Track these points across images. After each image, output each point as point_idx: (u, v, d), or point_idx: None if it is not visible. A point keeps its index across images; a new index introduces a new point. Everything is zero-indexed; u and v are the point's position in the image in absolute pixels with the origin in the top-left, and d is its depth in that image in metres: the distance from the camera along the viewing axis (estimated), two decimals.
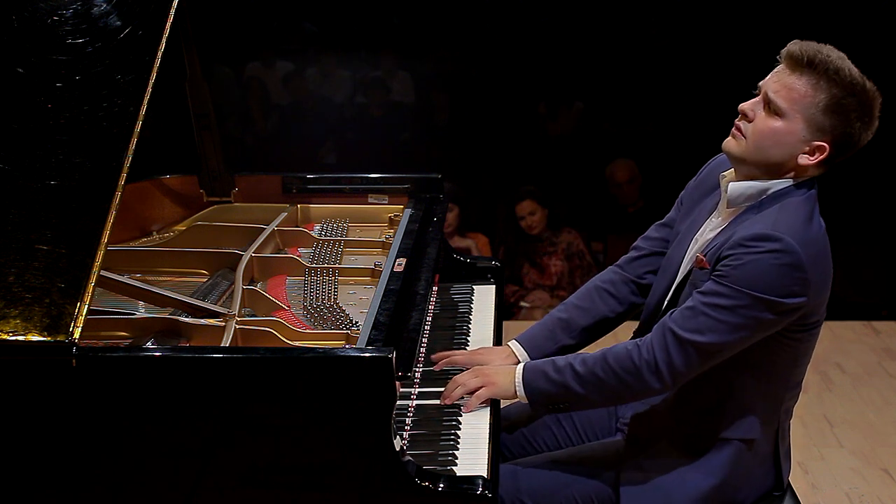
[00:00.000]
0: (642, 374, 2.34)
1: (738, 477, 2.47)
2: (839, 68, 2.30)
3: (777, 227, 2.30)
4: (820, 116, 2.31)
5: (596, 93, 6.99)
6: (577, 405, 2.46)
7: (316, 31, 7.24)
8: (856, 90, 2.31)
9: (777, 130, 2.34)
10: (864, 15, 6.63)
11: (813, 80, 2.31)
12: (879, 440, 4.53)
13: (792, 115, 2.32)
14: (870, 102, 2.33)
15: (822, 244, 2.37)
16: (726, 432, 2.44)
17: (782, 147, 2.35)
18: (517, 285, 6.43)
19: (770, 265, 2.26)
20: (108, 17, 2.58)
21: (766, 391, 2.44)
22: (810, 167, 2.38)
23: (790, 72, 2.34)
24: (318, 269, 2.99)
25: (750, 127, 2.37)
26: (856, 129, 2.33)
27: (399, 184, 3.51)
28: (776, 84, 2.35)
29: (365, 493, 2.15)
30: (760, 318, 2.28)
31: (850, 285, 6.56)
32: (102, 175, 2.33)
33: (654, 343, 2.34)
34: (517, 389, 2.48)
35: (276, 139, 7.18)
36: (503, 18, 7.07)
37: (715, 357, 2.34)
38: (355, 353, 2.17)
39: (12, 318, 2.14)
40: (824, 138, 2.34)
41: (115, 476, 2.16)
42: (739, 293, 2.28)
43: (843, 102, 2.30)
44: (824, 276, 2.37)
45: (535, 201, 6.37)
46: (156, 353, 2.18)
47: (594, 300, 2.78)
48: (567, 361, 2.44)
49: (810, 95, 2.31)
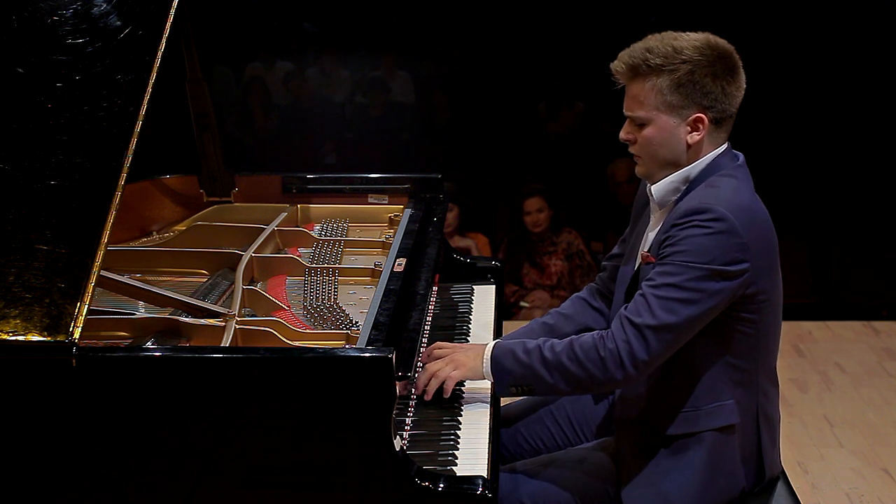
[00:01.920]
0: (607, 364, 2.35)
1: (728, 465, 2.48)
2: (655, 53, 2.39)
3: (704, 199, 2.36)
4: (671, 99, 2.40)
5: (596, 93, 6.99)
6: (542, 390, 2.45)
7: (316, 31, 7.24)
8: (681, 59, 2.38)
9: (653, 135, 2.44)
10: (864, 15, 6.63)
11: (643, 79, 2.42)
12: (879, 440, 4.53)
13: (652, 115, 2.43)
14: (704, 58, 2.39)
15: (755, 209, 2.41)
16: (705, 423, 2.45)
17: (668, 143, 2.44)
18: (517, 285, 6.43)
19: (705, 235, 2.32)
20: (108, 17, 2.58)
21: (734, 377, 2.45)
22: (704, 138, 2.44)
23: (627, 84, 2.47)
24: (318, 269, 2.99)
25: (637, 147, 2.49)
26: (710, 84, 2.39)
27: (399, 184, 3.52)
28: (627, 101, 2.48)
29: (365, 493, 2.15)
30: (707, 290, 2.32)
31: (850, 285, 6.57)
32: (102, 175, 2.33)
33: (616, 334, 2.37)
34: (484, 367, 2.48)
35: (276, 139, 7.18)
36: (503, 18, 7.07)
37: (672, 338, 2.35)
38: (355, 353, 2.17)
39: (12, 318, 2.14)
40: (693, 111, 2.41)
41: (115, 476, 2.16)
42: (682, 267, 2.33)
43: (678, 76, 2.38)
44: (764, 241, 2.40)
45: (543, 199, 6.38)
46: (156, 353, 2.19)
47: (577, 309, 2.87)
48: (536, 344, 2.44)
49: (650, 90, 2.41)
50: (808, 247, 6.50)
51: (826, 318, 5.92)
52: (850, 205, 6.57)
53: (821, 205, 6.48)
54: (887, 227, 6.67)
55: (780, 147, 6.56)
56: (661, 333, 2.33)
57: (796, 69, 6.55)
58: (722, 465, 2.48)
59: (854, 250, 6.67)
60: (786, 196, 6.09)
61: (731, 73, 2.42)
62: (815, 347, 5.61)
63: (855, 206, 6.55)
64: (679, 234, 2.35)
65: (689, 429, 2.46)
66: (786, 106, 6.64)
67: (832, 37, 6.53)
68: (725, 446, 2.47)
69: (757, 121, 6.35)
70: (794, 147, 6.57)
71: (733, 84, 2.42)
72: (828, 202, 6.53)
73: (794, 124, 6.61)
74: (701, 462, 2.45)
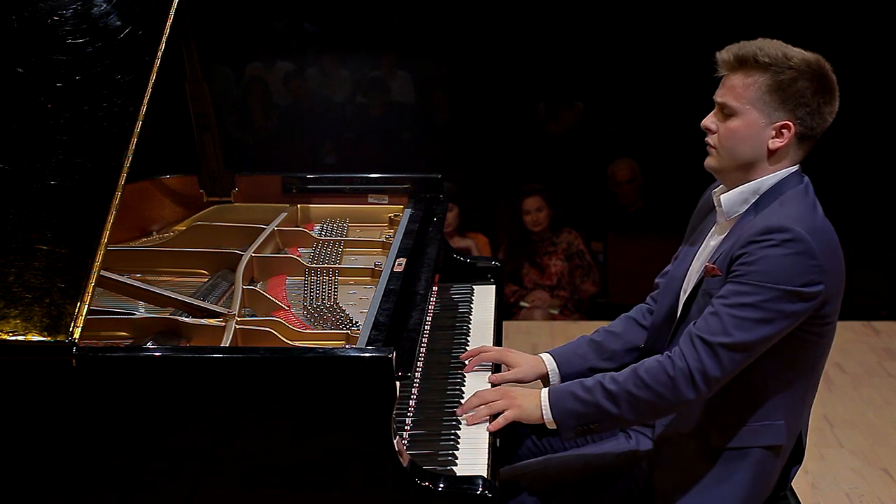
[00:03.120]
0: (678, 384, 2.34)
1: (770, 484, 2.50)
2: (765, 52, 2.40)
3: (782, 219, 2.34)
4: (768, 98, 2.40)
5: (596, 93, 6.99)
6: (608, 424, 2.43)
7: (316, 31, 7.24)
8: (789, 64, 2.39)
9: (738, 128, 2.42)
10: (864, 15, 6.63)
11: (746, 72, 2.41)
12: (879, 440, 4.53)
13: (744, 109, 2.41)
14: (811, 70, 2.40)
15: (828, 231, 2.41)
16: (753, 440, 2.45)
17: (750, 141, 2.43)
18: (517, 285, 6.43)
19: (784, 256, 2.31)
20: (108, 17, 2.58)
21: (787, 397, 2.45)
22: (784, 148, 2.43)
23: (729, 75, 2.45)
24: (318, 269, 2.99)
25: (716, 137, 2.47)
26: (808, 97, 2.39)
27: (399, 184, 3.52)
28: (721, 90, 2.46)
29: (365, 492, 2.15)
30: (784, 310, 2.31)
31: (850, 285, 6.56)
32: (102, 175, 2.33)
33: (685, 352, 2.35)
34: (543, 412, 2.45)
35: (276, 139, 7.18)
36: (503, 18, 7.07)
37: (744, 357, 2.34)
38: (355, 353, 2.16)
39: (12, 318, 2.14)
40: (783, 117, 2.41)
41: (115, 476, 2.16)
42: (759, 288, 2.31)
43: (781, 79, 2.39)
44: (836, 263, 2.40)
45: (542, 199, 6.38)
46: (156, 353, 2.19)
47: (625, 328, 2.81)
48: (595, 381, 2.43)
49: (750, 84, 2.41)
50: None
51: None
52: (851, 205, 6.57)
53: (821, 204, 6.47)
54: (887, 227, 6.67)
55: None
56: (734, 352, 2.32)
57: None
58: (765, 484, 2.48)
59: (854, 250, 6.66)
60: None
61: (830, 94, 2.42)
62: None
63: (855, 206, 6.55)
64: (757, 252, 2.32)
65: (738, 444, 2.45)
66: None
67: (832, 37, 6.53)
68: (771, 465, 2.47)
69: None
70: None
71: (828, 105, 2.42)
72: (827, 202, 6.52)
73: None
74: (747, 478, 2.45)
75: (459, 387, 2.66)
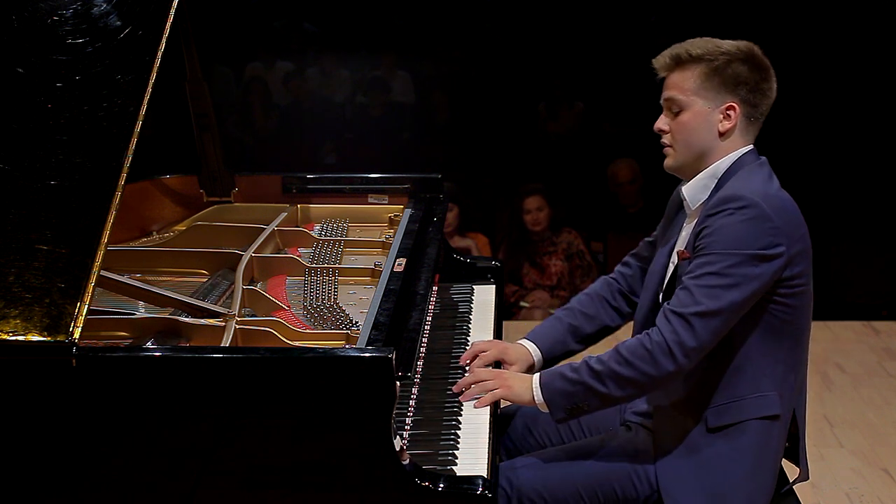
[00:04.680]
0: (656, 357, 2.41)
1: (773, 456, 2.53)
2: (695, 46, 2.54)
3: (736, 189, 2.46)
4: (708, 85, 2.52)
5: (596, 93, 6.99)
6: (597, 402, 2.49)
7: (316, 31, 7.24)
8: (720, 51, 2.52)
9: (688, 120, 2.54)
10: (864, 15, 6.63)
11: (683, 67, 2.55)
12: (879, 440, 4.53)
13: (689, 100, 2.54)
14: (742, 52, 2.53)
15: (784, 199, 2.49)
16: (749, 412, 2.49)
17: (701, 128, 2.54)
18: (517, 285, 6.43)
19: (741, 222, 2.41)
20: (108, 17, 2.58)
21: (777, 367, 2.49)
22: (733, 128, 2.54)
23: (668, 75, 2.58)
24: (318, 269, 2.99)
25: (669, 136, 2.59)
26: (745, 76, 2.51)
27: (399, 184, 3.52)
28: (665, 91, 2.59)
29: (365, 492, 2.15)
30: (748, 274, 2.39)
31: (850, 285, 6.57)
32: (102, 175, 2.33)
33: (661, 327, 2.43)
34: (535, 394, 2.53)
35: (276, 139, 7.19)
36: (503, 18, 7.08)
37: (719, 324, 2.41)
38: (355, 353, 2.17)
39: (12, 318, 2.14)
40: (727, 99, 2.52)
41: (115, 476, 2.16)
42: (721, 256, 2.40)
43: (716, 65, 2.51)
44: (795, 227, 2.46)
45: (543, 198, 6.39)
46: (156, 353, 2.19)
47: (598, 309, 2.91)
48: (582, 361, 2.50)
49: (689, 77, 2.53)
50: None
51: (826, 318, 5.92)
52: (850, 205, 6.57)
53: (821, 205, 6.48)
54: (887, 227, 6.68)
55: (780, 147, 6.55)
56: (706, 319, 2.39)
57: (796, 69, 6.55)
58: (772, 453, 2.52)
59: (854, 250, 6.67)
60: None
61: (765, 71, 2.55)
62: (815, 347, 5.55)
63: (855, 207, 6.56)
64: (713, 223, 2.43)
65: (734, 418, 2.49)
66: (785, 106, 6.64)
67: (832, 37, 6.53)
68: (770, 435, 2.51)
69: None
70: (794, 147, 6.57)
71: (766, 82, 2.54)
72: (828, 202, 6.53)
73: (793, 124, 6.61)
74: (750, 450, 2.49)
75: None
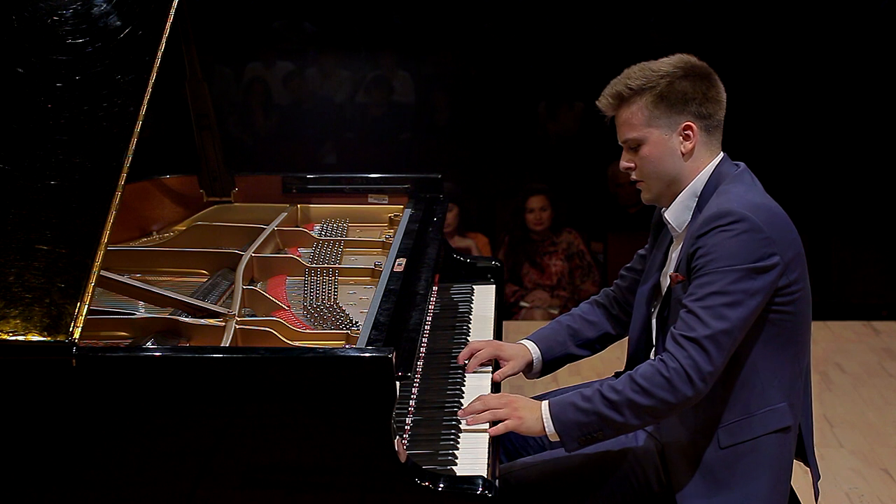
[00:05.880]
0: (675, 384, 2.37)
1: (785, 465, 2.51)
2: (632, 78, 2.51)
3: (721, 205, 2.43)
4: (658, 112, 2.49)
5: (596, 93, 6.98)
6: (611, 432, 2.44)
7: (316, 31, 7.24)
8: (659, 75, 2.50)
9: (651, 153, 2.52)
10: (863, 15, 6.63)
11: (627, 103, 2.52)
12: (879, 440, 4.53)
13: (645, 133, 2.51)
14: (680, 69, 2.50)
15: (770, 206, 2.47)
16: (759, 428, 2.47)
17: (665, 158, 2.52)
18: (517, 285, 6.43)
19: (733, 237, 2.39)
20: (108, 17, 2.58)
21: (784, 377, 2.48)
22: (698, 147, 2.52)
23: (616, 114, 2.56)
24: (318, 269, 2.99)
25: (639, 172, 2.56)
26: (690, 91, 2.49)
27: (399, 184, 3.52)
28: (618, 131, 2.56)
29: (365, 493, 2.15)
30: (749, 289, 2.38)
31: (850, 285, 6.57)
32: (102, 175, 2.33)
33: (675, 353, 2.39)
34: (545, 425, 2.45)
35: (276, 139, 7.19)
36: (503, 18, 7.07)
37: (729, 344, 2.39)
38: (355, 353, 2.17)
39: (12, 318, 2.14)
40: (681, 120, 2.50)
41: (114, 476, 2.16)
42: (720, 274, 2.38)
43: (659, 91, 2.49)
44: (785, 233, 2.45)
45: (547, 199, 6.39)
46: (156, 353, 2.19)
47: (599, 317, 2.91)
48: (593, 390, 2.44)
49: (637, 111, 2.51)
50: (808, 247, 6.51)
51: (826, 318, 5.93)
52: (850, 205, 6.57)
53: (821, 205, 6.48)
54: (887, 227, 6.67)
55: (780, 147, 6.56)
56: (718, 340, 2.37)
57: (796, 69, 6.55)
58: (783, 469, 2.50)
59: (854, 250, 6.67)
60: (785, 196, 6.08)
61: (708, 79, 2.52)
62: (815, 347, 5.53)
63: (855, 206, 6.55)
64: (706, 242, 2.40)
65: (747, 436, 2.46)
66: (785, 106, 6.64)
67: (831, 37, 6.53)
68: (784, 448, 2.49)
69: (756, 121, 6.36)
70: (794, 147, 6.57)
71: (713, 89, 2.51)
72: (827, 202, 6.53)
73: (793, 125, 6.61)
74: (764, 466, 2.46)
75: (459, 387, 2.66)
